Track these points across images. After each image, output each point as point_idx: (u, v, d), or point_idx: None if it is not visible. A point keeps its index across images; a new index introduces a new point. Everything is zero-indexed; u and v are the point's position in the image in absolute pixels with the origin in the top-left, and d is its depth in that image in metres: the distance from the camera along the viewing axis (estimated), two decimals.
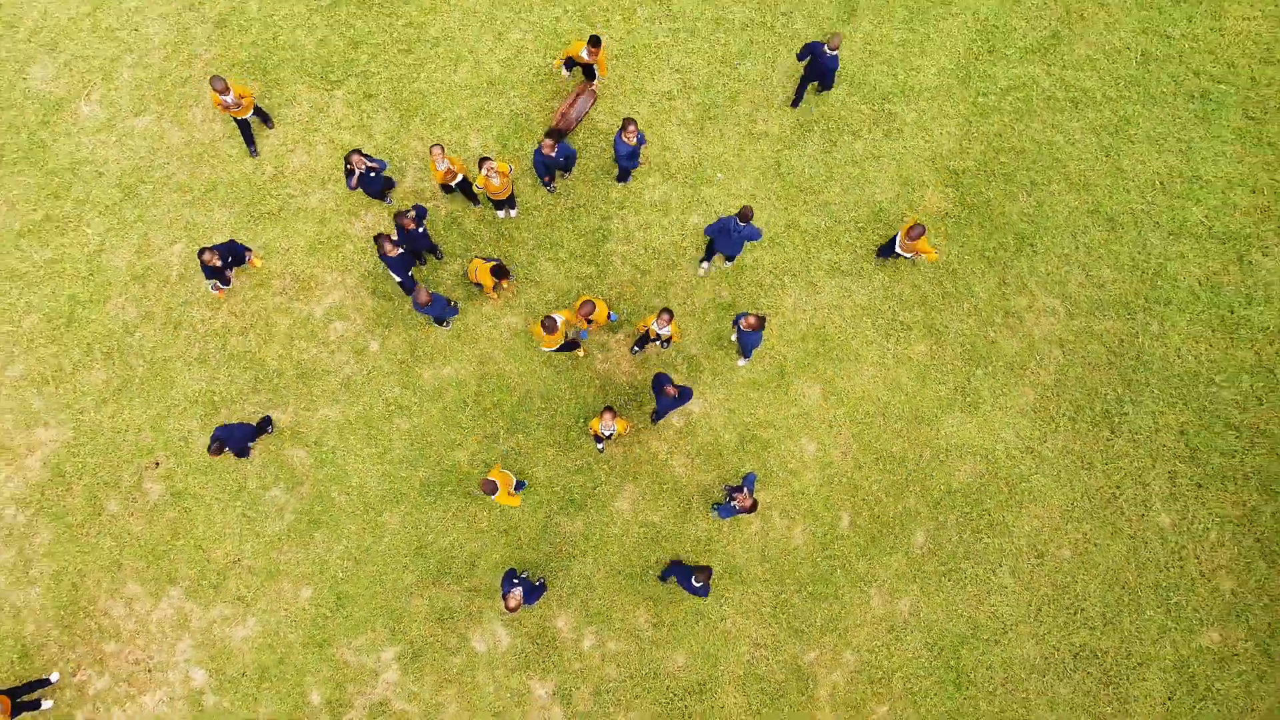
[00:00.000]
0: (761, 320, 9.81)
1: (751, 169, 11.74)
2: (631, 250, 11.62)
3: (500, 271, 10.15)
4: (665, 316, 9.71)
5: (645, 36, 11.98)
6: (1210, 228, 11.64)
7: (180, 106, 11.85)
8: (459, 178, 10.65)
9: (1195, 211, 11.68)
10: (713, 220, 11.50)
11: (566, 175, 11.55)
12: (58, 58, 11.96)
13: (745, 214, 9.84)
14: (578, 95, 11.40)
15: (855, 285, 11.56)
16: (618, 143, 10.44)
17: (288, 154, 11.76)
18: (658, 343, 11.16)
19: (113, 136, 11.81)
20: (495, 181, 10.49)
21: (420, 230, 10.38)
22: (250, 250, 11.19)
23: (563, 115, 11.41)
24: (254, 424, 10.83)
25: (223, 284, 10.80)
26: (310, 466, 11.28)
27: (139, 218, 11.66)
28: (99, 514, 11.23)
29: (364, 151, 11.49)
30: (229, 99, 10.30)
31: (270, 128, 11.66)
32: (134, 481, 11.27)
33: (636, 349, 11.21)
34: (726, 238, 10.31)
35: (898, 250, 10.56)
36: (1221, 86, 11.87)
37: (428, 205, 11.53)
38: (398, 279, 10.38)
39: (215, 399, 11.36)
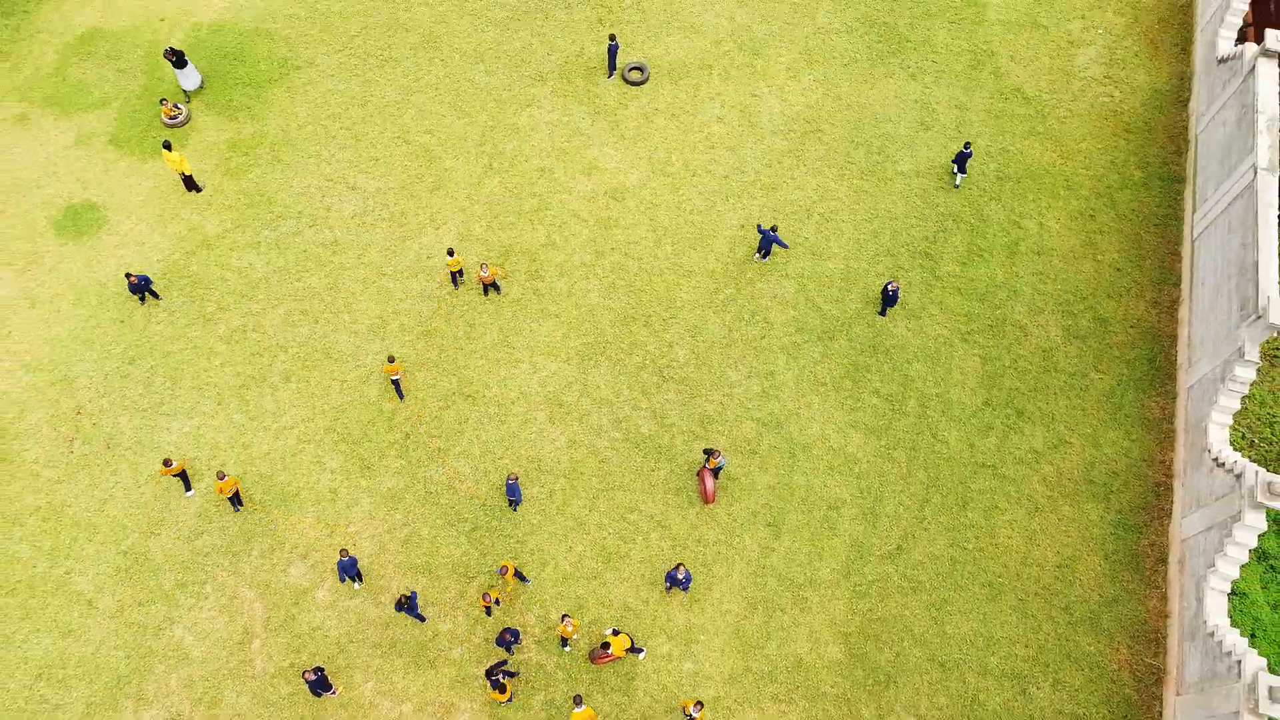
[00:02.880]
0: None
1: (722, 632, 19.40)
2: (649, 686, 18.91)
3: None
4: (698, 706, 16.87)
5: (642, 550, 20.22)
6: (1002, 670, 19.06)
7: (378, 590, 19.73)
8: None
9: (993, 659, 19.16)
10: (674, 571, 18.92)
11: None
12: (307, 560, 20.07)
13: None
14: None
15: (793, 713, 18.71)
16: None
17: (439, 621, 19.44)
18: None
19: (334, 612, 19.57)
20: (570, 628, 18.09)
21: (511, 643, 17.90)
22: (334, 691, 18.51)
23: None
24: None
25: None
26: None
27: (347, 665, 19.06)
28: None
29: (407, 594, 18.87)
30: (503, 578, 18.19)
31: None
32: None
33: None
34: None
35: None
36: (1000, 579, 19.93)
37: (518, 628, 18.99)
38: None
39: None
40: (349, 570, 18.99)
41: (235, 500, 20.28)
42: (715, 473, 20.33)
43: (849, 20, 27.43)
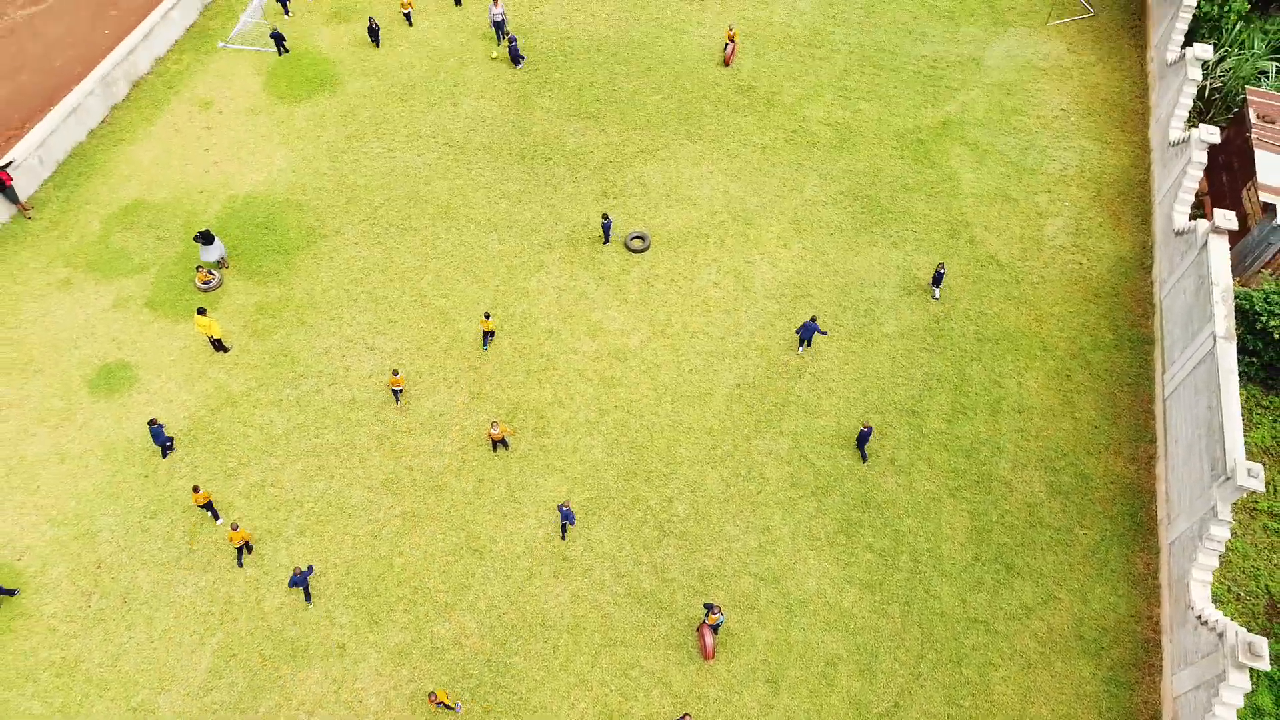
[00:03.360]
0: None
1: None
2: None
3: None
4: None
5: (644, 708, 20.54)
6: None
7: None
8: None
9: None
10: None
11: None
12: (314, 717, 20.34)
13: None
14: None
15: None
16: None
17: None
18: None
19: None
20: None
21: None
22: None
23: None
24: None
25: None
26: None
27: None
28: None
29: None
30: None
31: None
32: None
33: None
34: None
35: None
36: None
37: None
38: None
39: None
40: (302, 583, 21.37)
41: (246, 548, 22.30)
42: (715, 629, 20.88)
43: (834, 193, 29.79)
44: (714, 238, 28.68)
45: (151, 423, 23.19)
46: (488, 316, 25.41)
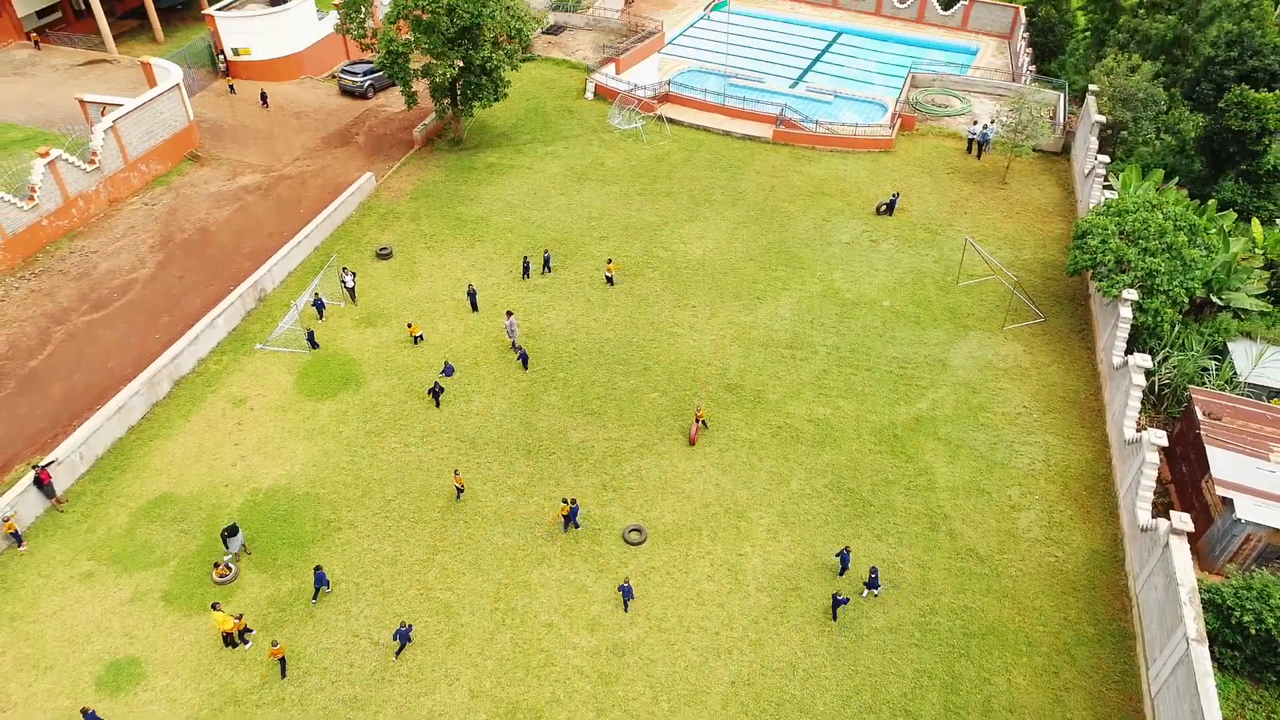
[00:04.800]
0: None
1: None
2: None
3: None
4: None
5: None
6: None
7: None
8: None
9: None
10: None
11: None
12: None
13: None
14: None
15: None
16: None
17: None
18: None
19: None
20: None
21: None
22: None
23: None
24: None
25: None
26: None
27: None
28: None
29: None
30: None
31: None
32: None
33: None
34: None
35: None
36: None
37: None
38: None
39: None
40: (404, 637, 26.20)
41: (282, 665, 25.63)
42: None
43: (818, 486, 31.84)
44: (707, 530, 30.32)
45: (317, 569, 27.65)
46: (565, 502, 29.64)
